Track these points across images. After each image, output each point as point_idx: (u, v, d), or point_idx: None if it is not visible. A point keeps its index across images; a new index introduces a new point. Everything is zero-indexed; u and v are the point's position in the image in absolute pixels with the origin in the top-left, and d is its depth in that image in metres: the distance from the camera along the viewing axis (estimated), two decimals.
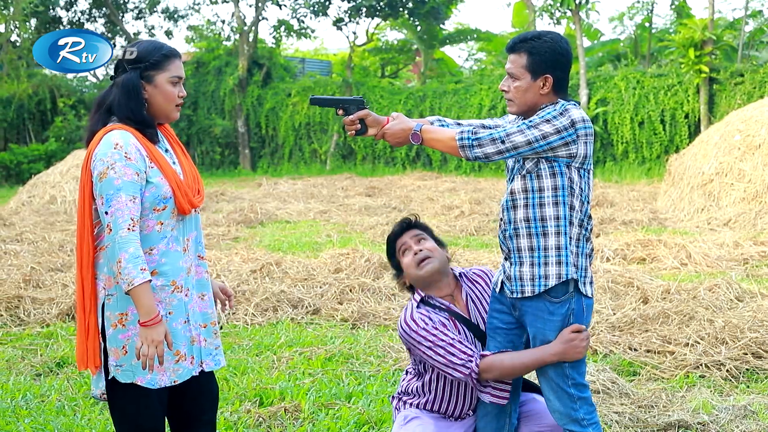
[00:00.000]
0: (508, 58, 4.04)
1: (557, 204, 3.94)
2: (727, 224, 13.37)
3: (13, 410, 5.75)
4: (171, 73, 3.87)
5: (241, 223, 15.33)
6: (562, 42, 4.00)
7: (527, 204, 3.97)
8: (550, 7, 25.16)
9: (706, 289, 8.33)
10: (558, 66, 3.97)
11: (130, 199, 3.65)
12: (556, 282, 3.95)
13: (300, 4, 31.62)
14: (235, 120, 30.42)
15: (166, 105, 3.89)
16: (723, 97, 22.33)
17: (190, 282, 3.92)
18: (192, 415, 4.08)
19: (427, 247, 4.40)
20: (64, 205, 17.34)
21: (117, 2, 33.13)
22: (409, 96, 28.26)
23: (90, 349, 3.80)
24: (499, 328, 4.22)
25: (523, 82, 3.97)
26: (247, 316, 8.23)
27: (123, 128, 3.77)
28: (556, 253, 3.95)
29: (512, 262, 4.07)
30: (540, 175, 3.93)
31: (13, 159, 27.04)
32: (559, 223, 3.95)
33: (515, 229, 4.02)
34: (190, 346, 3.90)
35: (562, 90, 4.01)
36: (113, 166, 3.66)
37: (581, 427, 4.04)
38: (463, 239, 13.01)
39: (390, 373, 6.49)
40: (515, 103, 4.03)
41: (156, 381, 3.81)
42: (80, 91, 31.52)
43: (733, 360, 6.44)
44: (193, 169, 4.04)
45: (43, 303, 8.57)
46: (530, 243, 3.98)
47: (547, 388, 4.09)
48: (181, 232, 3.90)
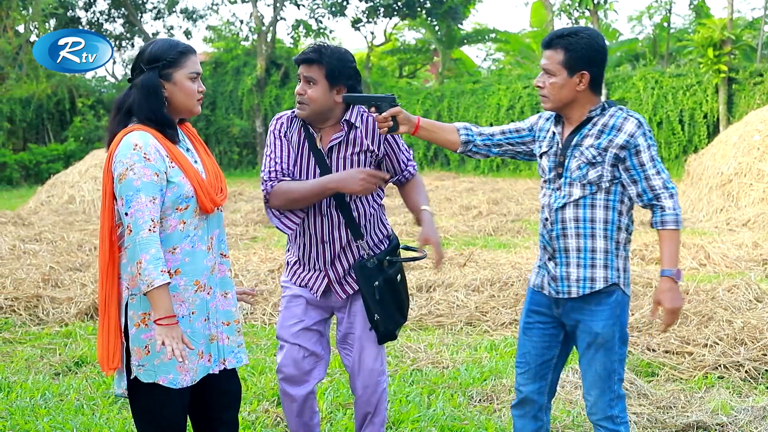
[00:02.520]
0: (544, 54, 4.01)
1: (608, 208, 3.95)
2: (746, 225, 13.31)
3: (32, 409, 5.77)
4: (189, 69, 3.87)
5: (260, 222, 15.35)
6: (599, 39, 3.98)
7: (578, 204, 3.97)
8: (568, 6, 25.10)
9: (725, 290, 8.30)
10: (595, 63, 3.94)
11: (150, 199, 3.66)
12: (603, 285, 3.96)
13: (318, 4, 31.70)
14: (253, 120, 30.48)
15: (188, 101, 3.89)
16: (742, 97, 22.25)
17: (213, 280, 3.92)
18: (213, 413, 4.08)
19: (309, 94, 4.27)
20: (82, 204, 17.38)
21: (136, 2, 33.25)
22: (427, 96, 28.27)
23: (111, 348, 3.81)
24: (536, 328, 4.20)
25: (560, 79, 3.93)
26: (265, 316, 8.24)
27: (143, 129, 3.78)
28: (604, 256, 3.96)
29: (557, 262, 4.06)
30: (600, 186, 3.94)
31: (32, 159, 27.17)
32: (607, 227, 3.95)
33: (563, 229, 4.00)
34: (209, 344, 3.91)
35: (597, 87, 4.00)
36: (132, 167, 3.66)
37: (614, 424, 4.04)
38: (481, 239, 12.99)
39: (408, 373, 6.48)
40: (550, 100, 4.00)
41: (178, 381, 3.81)
42: (99, 91, 31.70)
43: (752, 361, 6.41)
44: (216, 167, 4.04)
45: (61, 302, 8.60)
46: (578, 244, 3.98)
47: (592, 380, 4.06)
48: (206, 230, 3.90)
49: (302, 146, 4.38)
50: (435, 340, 7.42)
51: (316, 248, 4.43)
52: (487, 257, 10.76)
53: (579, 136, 3.97)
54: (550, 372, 4.25)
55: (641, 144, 3.87)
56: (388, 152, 4.43)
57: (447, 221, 14.76)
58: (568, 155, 3.98)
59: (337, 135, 4.34)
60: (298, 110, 4.33)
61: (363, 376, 4.54)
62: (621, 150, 3.87)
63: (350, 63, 4.31)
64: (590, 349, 4.03)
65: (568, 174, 3.99)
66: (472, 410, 5.72)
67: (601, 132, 3.92)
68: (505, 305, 8.26)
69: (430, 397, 5.97)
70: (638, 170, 3.88)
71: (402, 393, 5.98)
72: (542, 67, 4.01)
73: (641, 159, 3.87)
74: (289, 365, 4.52)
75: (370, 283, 4.34)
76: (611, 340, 4.00)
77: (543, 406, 4.28)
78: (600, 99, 4.03)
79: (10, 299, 8.62)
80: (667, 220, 3.89)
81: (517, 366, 4.30)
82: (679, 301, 3.90)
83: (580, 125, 3.99)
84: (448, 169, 26.66)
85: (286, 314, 4.57)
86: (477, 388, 6.08)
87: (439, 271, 9.50)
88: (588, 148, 3.92)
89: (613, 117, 3.94)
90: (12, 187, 25.95)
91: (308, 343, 4.52)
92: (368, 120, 4.38)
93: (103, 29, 33.20)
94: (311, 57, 4.24)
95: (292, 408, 4.57)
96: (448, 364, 6.68)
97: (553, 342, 4.20)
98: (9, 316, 8.31)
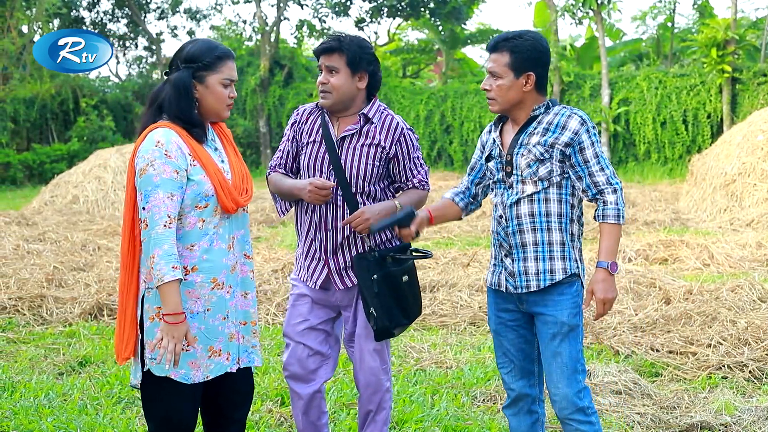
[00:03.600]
0: (490, 57, 4.13)
1: (561, 202, 4.05)
2: (750, 225, 13.31)
3: (36, 409, 5.78)
4: (223, 75, 3.92)
5: (263, 222, 15.37)
6: (542, 40, 4.11)
7: (532, 200, 4.05)
8: (572, 6, 25.07)
9: (729, 290, 8.30)
10: (539, 64, 4.08)
11: (168, 196, 3.70)
12: (562, 276, 4.04)
13: (321, 3, 31.67)
14: (257, 120, 30.47)
15: (217, 105, 3.94)
16: (746, 97, 22.22)
17: (233, 279, 3.96)
18: (224, 411, 4.12)
19: (333, 82, 4.39)
20: (86, 204, 17.40)
21: (139, 2, 33.26)
22: (430, 96, 28.24)
23: (126, 338, 3.87)
24: (509, 326, 4.25)
25: (506, 81, 4.06)
26: (268, 316, 8.25)
27: (168, 126, 3.83)
28: (561, 248, 4.05)
29: (515, 258, 4.12)
30: (551, 182, 4.04)
31: (36, 159, 27.16)
32: (562, 220, 4.05)
33: (519, 224, 4.07)
34: (228, 342, 3.94)
35: (543, 87, 4.11)
36: (153, 163, 3.72)
37: (586, 416, 4.07)
38: (485, 239, 12.98)
39: (411, 373, 6.49)
40: (498, 102, 4.12)
41: (190, 376, 3.86)
42: (103, 91, 31.67)
43: (756, 361, 6.41)
44: (243, 168, 4.08)
45: (65, 302, 8.61)
46: (534, 238, 4.06)
47: (559, 373, 4.08)
48: (227, 229, 3.94)
49: (316, 133, 4.48)
50: (438, 340, 7.42)
51: (320, 236, 4.47)
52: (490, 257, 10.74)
53: (524, 135, 4.08)
54: (535, 364, 4.30)
55: (585, 141, 4.00)
56: (397, 155, 4.48)
57: (450, 221, 14.73)
58: (515, 153, 4.08)
59: (352, 126, 4.44)
60: (322, 100, 4.43)
61: (364, 374, 4.57)
62: (566, 147, 4.00)
63: (369, 49, 4.43)
64: (555, 340, 4.08)
65: (518, 172, 4.08)
66: (476, 410, 5.73)
67: (546, 130, 4.04)
68: None
69: (433, 397, 5.97)
70: (582, 167, 4.01)
71: (405, 393, 5.98)
72: (488, 70, 4.14)
73: (585, 156, 4.00)
74: (293, 364, 4.56)
75: (368, 276, 4.35)
76: (576, 329, 4.07)
77: (536, 397, 4.33)
78: (545, 98, 4.14)
79: (14, 299, 8.64)
80: (608, 214, 4.01)
81: (500, 367, 4.35)
82: (612, 292, 4.02)
83: (525, 124, 4.10)
84: (451, 169, 26.64)
85: (293, 312, 4.61)
86: (480, 388, 6.08)
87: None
88: (535, 146, 4.03)
89: (557, 115, 4.06)
90: (16, 187, 25.95)
91: (313, 342, 4.55)
92: (385, 118, 4.47)
93: (106, 29, 33.23)
94: (332, 45, 4.35)
95: (299, 406, 4.61)
96: (451, 364, 6.68)
97: (530, 335, 4.25)
98: (13, 316, 8.32)
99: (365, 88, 4.45)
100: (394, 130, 4.45)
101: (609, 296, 4.01)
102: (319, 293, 4.55)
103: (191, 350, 3.82)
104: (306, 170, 4.50)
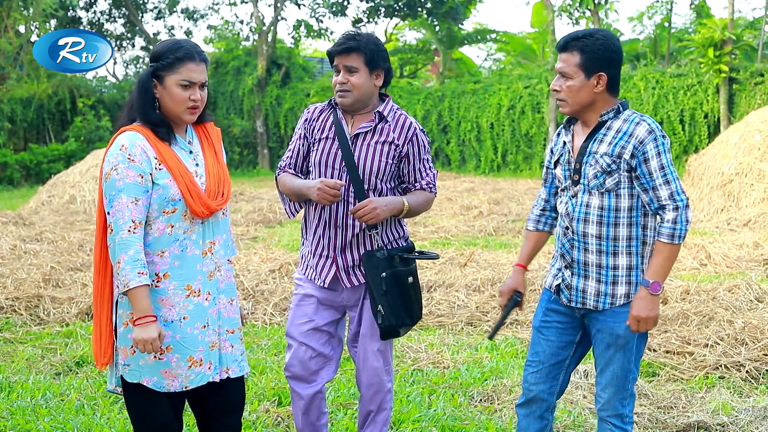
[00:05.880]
0: (559, 57, 3.98)
1: (631, 225, 3.92)
2: (747, 225, 13.30)
3: (33, 409, 5.77)
4: (181, 75, 3.78)
5: (260, 222, 15.35)
6: (614, 39, 3.95)
7: (601, 222, 3.93)
8: (569, 6, 25.08)
9: (726, 290, 8.30)
10: (612, 64, 3.92)
11: (132, 200, 3.66)
12: (624, 302, 3.95)
13: (319, 3, 31.65)
14: (254, 120, 30.45)
15: (174, 107, 3.81)
16: (743, 97, 22.22)
17: (212, 286, 3.89)
18: (214, 418, 4.08)
19: (353, 82, 4.40)
20: (83, 204, 17.37)
21: (136, 2, 33.23)
22: (427, 96, 28.24)
23: (103, 344, 3.83)
24: (553, 327, 4.19)
25: (577, 81, 3.91)
26: (265, 316, 8.25)
27: (137, 129, 3.77)
28: (627, 273, 3.95)
29: (575, 272, 4.04)
30: (619, 194, 3.90)
31: (33, 159, 27.13)
32: (631, 244, 3.93)
33: (585, 243, 3.98)
34: (209, 351, 3.88)
35: (615, 88, 3.96)
36: (116, 167, 3.68)
37: (623, 423, 4.06)
38: (482, 239, 12.98)
39: (408, 373, 6.49)
40: (568, 103, 3.96)
41: (163, 385, 3.81)
42: (100, 91, 31.66)
43: (753, 361, 6.41)
44: (221, 171, 3.98)
45: (62, 302, 8.60)
46: (599, 260, 3.96)
47: (609, 379, 4.04)
48: (201, 235, 3.86)
49: (329, 130, 4.48)
50: (436, 340, 7.42)
51: (329, 233, 4.47)
52: (487, 257, 10.77)
53: (593, 142, 3.94)
54: (562, 372, 4.24)
55: (650, 151, 3.83)
56: (409, 154, 4.48)
57: (448, 221, 14.75)
58: (584, 162, 3.96)
59: (367, 123, 4.45)
60: (341, 99, 4.42)
61: (367, 374, 4.57)
62: (632, 158, 3.84)
63: (383, 46, 4.45)
64: (609, 350, 4.02)
65: (585, 182, 3.96)
66: (473, 410, 5.73)
67: (614, 138, 3.89)
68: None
69: (430, 397, 5.97)
70: (647, 179, 3.85)
71: (403, 393, 5.98)
72: (558, 70, 3.97)
73: (650, 167, 3.83)
74: (295, 365, 4.56)
75: (377, 273, 4.36)
76: (631, 341, 3.98)
77: (551, 405, 4.28)
78: (616, 101, 3.99)
79: (11, 299, 8.63)
80: (662, 232, 3.86)
81: (528, 365, 4.28)
82: (647, 311, 3.87)
83: (594, 130, 3.96)
84: (449, 169, 26.65)
85: (297, 312, 4.60)
86: (478, 388, 6.08)
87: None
88: (603, 156, 3.89)
89: (626, 122, 3.91)
90: (13, 187, 25.93)
91: (317, 343, 4.55)
92: (399, 117, 4.49)
93: (103, 29, 33.17)
94: (350, 45, 4.35)
95: (299, 405, 4.61)
96: (448, 364, 6.68)
97: (569, 343, 4.19)
98: (10, 316, 8.31)
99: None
100: (408, 128, 4.45)
101: (643, 314, 3.86)
102: (326, 293, 4.54)
103: (164, 359, 3.78)
104: (317, 167, 4.48)
